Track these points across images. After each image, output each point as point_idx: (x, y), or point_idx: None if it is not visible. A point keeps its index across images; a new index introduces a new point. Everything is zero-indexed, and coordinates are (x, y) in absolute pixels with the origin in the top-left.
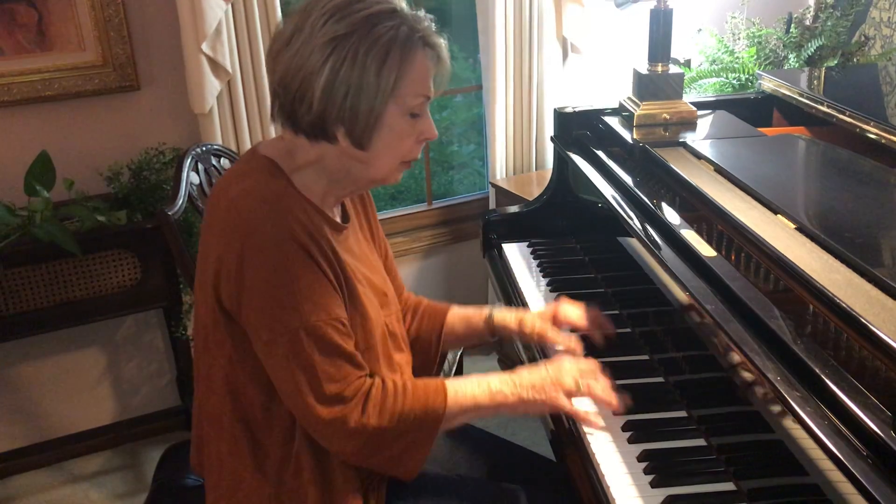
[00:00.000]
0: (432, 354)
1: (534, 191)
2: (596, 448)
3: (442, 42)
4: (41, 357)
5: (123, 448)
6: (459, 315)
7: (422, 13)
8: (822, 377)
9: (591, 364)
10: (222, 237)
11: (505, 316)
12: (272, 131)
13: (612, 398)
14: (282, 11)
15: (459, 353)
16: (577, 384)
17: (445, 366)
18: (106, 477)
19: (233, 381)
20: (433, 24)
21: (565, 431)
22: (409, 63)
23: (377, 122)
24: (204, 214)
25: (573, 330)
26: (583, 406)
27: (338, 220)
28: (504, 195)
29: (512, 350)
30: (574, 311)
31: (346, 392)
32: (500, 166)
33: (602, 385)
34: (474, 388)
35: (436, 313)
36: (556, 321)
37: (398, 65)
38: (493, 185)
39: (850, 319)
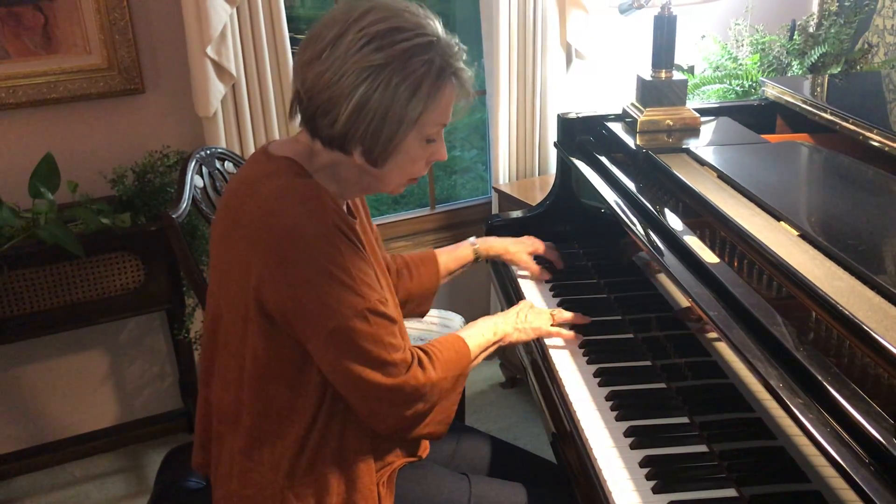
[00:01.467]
0: (431, 294)
1: (537, 196)
2: (598, 453)
3: (469, 74)
4: (44, 359)
5: (125, 450)
6: (447, 255)
7: (455, 41)
8: (825, 384)
9: (558, 312)
10: (259, 242)
11: (489, 242)
12: (276, 134)
13: (580, 318)
14: (287, 15)
15: None
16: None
17: None
18: (108, 479)
19: (257, 379)
20: (464, 54)
21: (567, 434)
22: (436, 96)
23: (395, 149)
24: (221, 218)
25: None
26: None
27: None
28: (507, 200)
29: (514, 355)
30: (547, 248)
31: (407, 357)
32: (503, 171)
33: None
34: (478, 333)
35: (427, 262)
36: (534, 250)
37: (426, 98)
38: (496, 190)
39: (852, 327)
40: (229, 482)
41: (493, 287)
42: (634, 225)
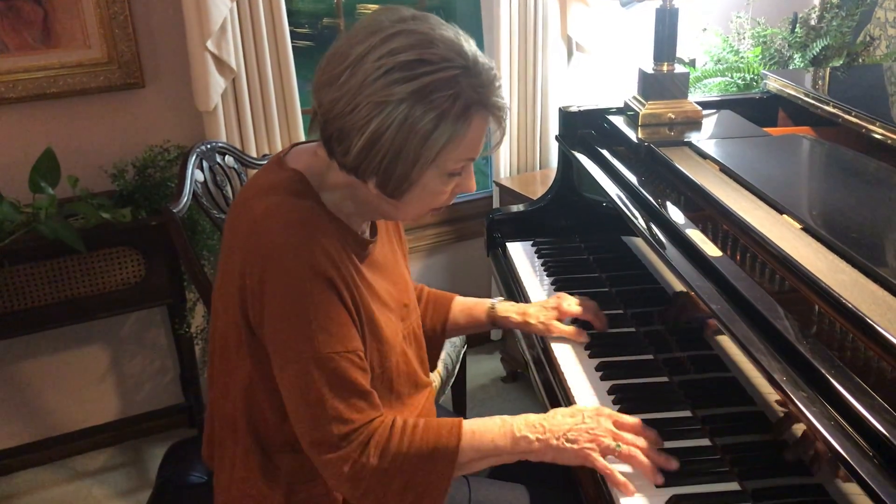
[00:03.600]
0: (434, 344)
1: (538, 190)
2: None
3: (503, 103)
4: (45, 354)
5: (127, 445)
6: (462, 306)
7: (489, 67)
8: (828, 377)
9: (635, 424)
10: (245, 256)
11: (508, 308)
12: (276, 129)
13: (654, 474)
14: (287, 9)
15: (463, 353)
16: (615, 444)
17: (447, 366)
18: (109, 474)
19: (250, 395)
20: (497, 82)
21: None
22: (460, 133)
23: (410, 187)
24: (227, 223)
25: (573, 321)
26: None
27: (367, 234)
28: (508, 194)
29: (516, 349)
30: (576, 304)
31: (351, 435)
32: (505, 165)
33: (643, 452)
34: (495, 429)
35: (440, 304)
36: (561, 312)
37: (448, 136)
38: (497, 184)
39: (855, 320)
40: (229, 490)
41: (493, 279)
42: (636, 218)
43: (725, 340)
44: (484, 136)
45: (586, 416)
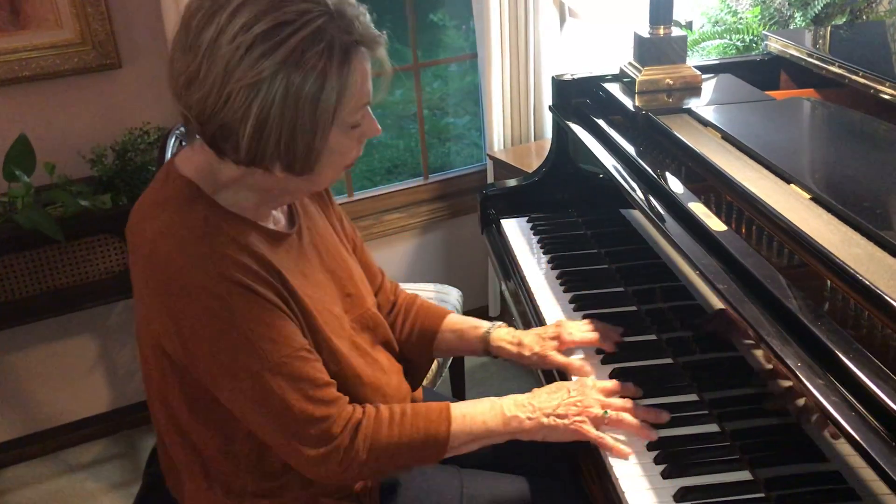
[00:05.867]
0: (420, 363)
1: (533, 162)
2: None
3: (375, 32)
4: (32, 346)
5: (120, 436)
6: (453, 327)
7: (352, 5)
8: (844, 359)
9: (616, 386)
10: (147, 288)
11: (502, 336)
12: None
13: (645, 429)
14: None
15: None
16: (603, 412)
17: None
18: (103, 466)
19: (185, 426)
20: (366, 17)
21: None
22: (347, 83)
23: (319, 156)
24: (128, 243)
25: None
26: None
27: (282, 225)
28: (502, 167)
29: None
30: (579, 331)
31: (331, 429)
32: (498, 137)
33: (631, 413)
34: (485, 411)
35: (429, 321)
36: (562, 342)
37: (336, 94)
38: (491, 158)
39: (872, 296)
40: None
41: (489, 260)
42: (635, 191)
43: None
44: (370, 74)
45: (572, 390)
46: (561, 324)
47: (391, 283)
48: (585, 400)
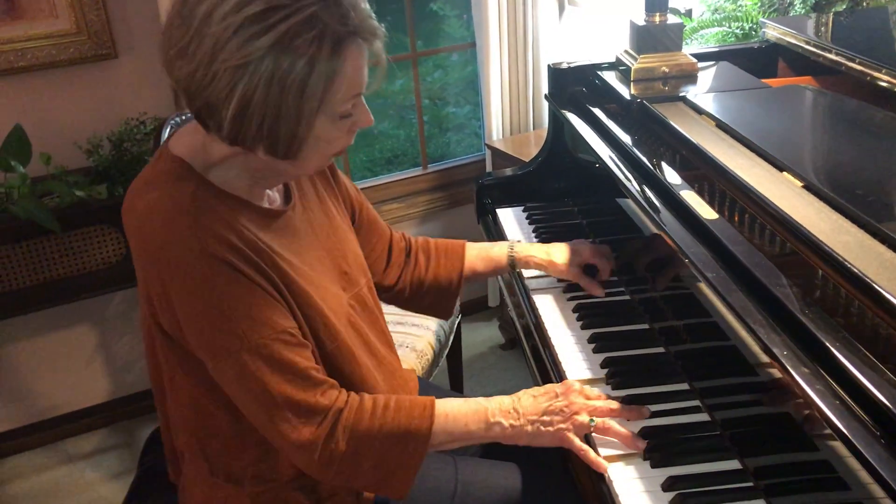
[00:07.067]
0: (452, 294)
1: (531, 151)
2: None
3: (373, 24)
4: (31, 337)
5: (119, 426)
6: (478, 251)
7: None
8: (832, 349)
9: (601, 395)
10: (140, 260)
11: (530, 250)
12: None
13: (633, 441)
14: None
15: (456, 323)
16: (588, 419)
17: (438, 338)
18: (102, 456)
19: (196, 400)
20: (364, 6)
21: None
22: (336, 75)
23: (302, 142)
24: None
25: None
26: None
27: (277, 204)
28: (500, 157)
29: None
30: (599, 255)
31: (312, 414)
32: (497, 127)
33: (617, 414)
34: (468, 413)
35: (452, 253)
36: (582, 258)
37: (323, 83)
38: (489, 147)
39: (861, 285)
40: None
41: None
42: (629, 181)
43: (724, 308)
44: (365, 65)
45: (558, 395)
46: (590, 251)
47: (398, 232)
48: (572, 406)
